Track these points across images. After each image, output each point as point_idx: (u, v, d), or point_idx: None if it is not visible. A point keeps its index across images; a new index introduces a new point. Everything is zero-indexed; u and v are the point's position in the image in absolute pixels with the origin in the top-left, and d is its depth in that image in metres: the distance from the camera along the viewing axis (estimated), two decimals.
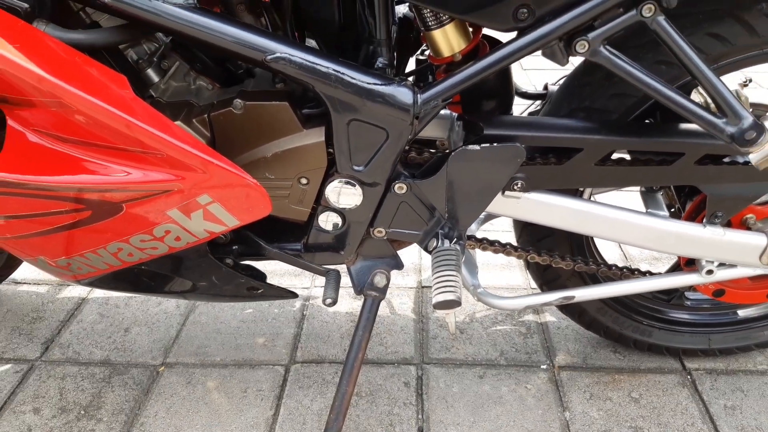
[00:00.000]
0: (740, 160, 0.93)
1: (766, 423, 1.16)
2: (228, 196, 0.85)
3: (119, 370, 1.32)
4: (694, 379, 1.27)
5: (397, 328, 1.42)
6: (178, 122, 0.90)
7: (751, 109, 1.06)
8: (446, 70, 0.94)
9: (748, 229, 1.02)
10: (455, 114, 1.01)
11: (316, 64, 0.82)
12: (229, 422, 1.20)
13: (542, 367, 1.31)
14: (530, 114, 1.16)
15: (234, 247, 1.04)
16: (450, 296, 0.87)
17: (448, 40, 0.87)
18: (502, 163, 0.90)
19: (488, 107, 1.00)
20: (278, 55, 0.81)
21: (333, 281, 1.02)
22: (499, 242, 1.08)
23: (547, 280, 1.18)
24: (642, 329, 1.25)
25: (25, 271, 1.60)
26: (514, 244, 1.09)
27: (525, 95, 1.17)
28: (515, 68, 0.89)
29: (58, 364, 1.34)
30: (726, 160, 0.94)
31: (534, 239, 1.12)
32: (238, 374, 1.31)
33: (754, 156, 0.80)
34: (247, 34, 0.82)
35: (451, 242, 0.97)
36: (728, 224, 1.02)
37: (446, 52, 0.89)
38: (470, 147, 0.89)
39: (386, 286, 1.03)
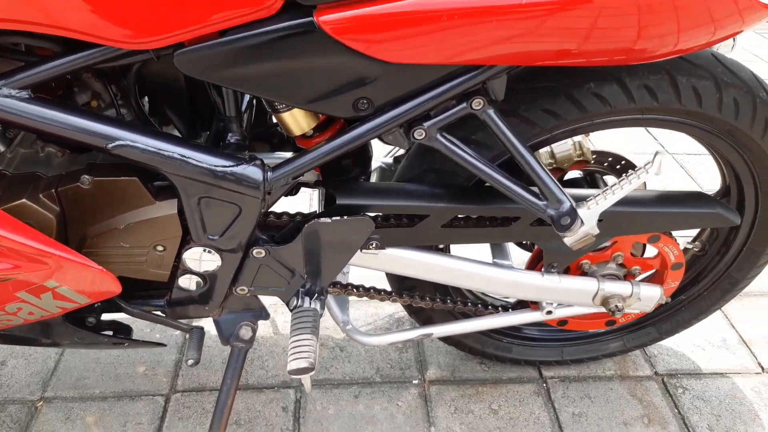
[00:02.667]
0: None
1: (606, 428, 1.31)
2: (74, 280, 0.86)
3: None
4: (549, 388, 1.40)
5: (279, 350, 1.47)
6: (23, 199, 0.88)
7: (594, 156, 1.15)
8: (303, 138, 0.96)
9: (584, 273, 1.12)
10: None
11: (159, 150, 0.83)
12: None
13: (414, 382, 1.41)
14: (395, 158, 1.21)
15: (96, 305, 1.05)
16: (303, 363, 0.92)
17: (297, 121, 0.89)
18: (352, 234, 0.94)
19: (345, 172, 1.03)
20: (119, 143, 0.81)
21: (196, 340, 1.04)
22: (363, 287, 1.13)
23: (417, 315, 1.26)
24: (502, 347, 1.37)
25: None
26: (377, 287, 1.15)
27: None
28: None
29: None
30: None
31: (399, 280, 1.18)
32: (118, 407, 1.32)
33: (568, 239, 0.88)
34: (86, 122, 0.81)
35: (312, 298, 1.02)
36: (567, 269, 1.12)
37: (297, 132, 0.90)
38: (322, 220, 0.92)
39: (252, 337, 1.07)
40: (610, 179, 1.21)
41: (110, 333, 1.07)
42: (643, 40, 0.77)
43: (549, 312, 1.12)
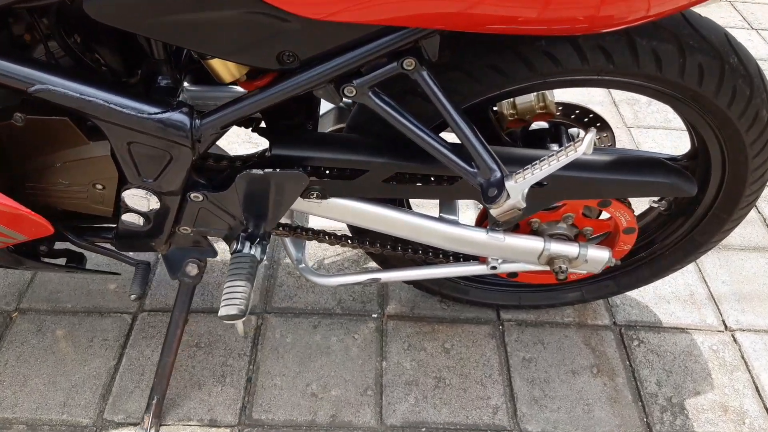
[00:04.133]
0: None
1: (554, 375, 1.34)
2: (9, 221, 0.88)
3: None
4: (504, 331, 1.42)
5: None
6: None
7: (560, 108, 1.11)
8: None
9: (533, 231, 1.11)
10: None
11: (81, 94, 0.81)
12: (73, 372, 1.30)
13: (373, 316, 1.44)
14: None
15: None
16: (233, 310, 0.94)
17: (228, 68, 0.86)
18: (286, 187, 0.93)
19: (289, 116, 1.01)
20: (39, 87, 0.80)
21: (140, 275, 1.07)
22: (312, 230, 1.14)
23: (374, 255, 1.26)
24: (459, 288, 1.38)
25: None
26: (326, 231, 1.15)
27: None
28: None
29: None
30: None
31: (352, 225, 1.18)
32: (87, 322, 1.39)
33: (494, 211, 0.85)
34: (5, 65, 0.79)
35: (253, 243, 1.02)
36: (516, 225, 1.11)
37: (228, 78, 0.87)
38: (254, 171, 0.91)
39: (198, 273, 1.10)
40: (577, 131, 1.16)
41: (62, 262, 1.11)
42: (606, 6, 0.71)
43: (494, 267, 1.12)
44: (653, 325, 1.45)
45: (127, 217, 1.00)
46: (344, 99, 0.83)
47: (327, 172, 0.97)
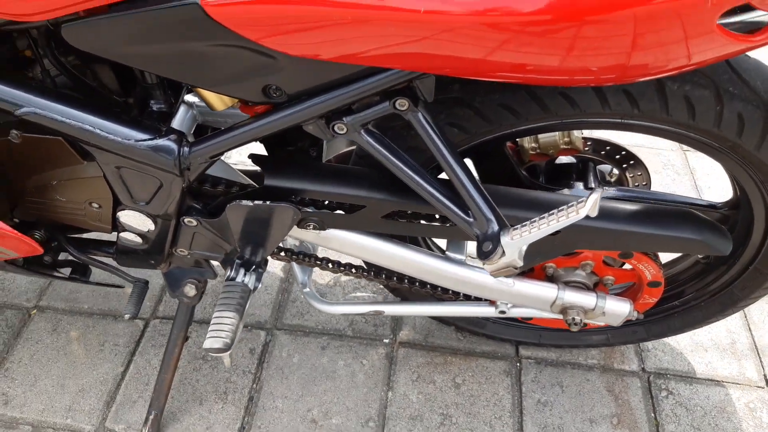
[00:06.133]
0: None
1: (570, 423, 1.26)
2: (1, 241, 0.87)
3: None
4: (521, 368, 1.35)
5: (261, 288, 1.48)
6: None
7: (589, 143, 1.02)
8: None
9: (548, 276, 1.02)
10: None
11: (69, 118, 0.79)
12: (82, 376, 1.31)
13: (384, 341, 1.39)
14: None
15: (53, 244, 1.07)
16: (218, 344, 0.91)
17: (219, 97, 0.82)
18: (278, 219, 0.89)
19: (291, 143, 0.96)
20: (25, 109, 0.78)
21: (137, 294, 1.05)
22: (315, 256, 1.09)
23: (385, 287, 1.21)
24: (475, 321, 1.31)
25: None
26: (329, 258, 1.10)
27: None
28: None
29: None
30: None
31: None
32: (101, 325, 1.40)
33: (488, 267, 0.78)
34: None
35: (248, 271, 0.99)
36: (531, 269, 1.03)
37: (219, 107, 0.83)
38: (244, 202, 0.88)
39: (197, 294, 1.07)
40: (608, 168, 1.07)
41: (65, 273, 1.10)
42: (638, 54, 0.62)
43: (503, 311, 1.04)
44: (686, 375, 1.33)
45: (125, 236, 0.99)
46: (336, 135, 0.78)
47: (325, 203, 0.93)
